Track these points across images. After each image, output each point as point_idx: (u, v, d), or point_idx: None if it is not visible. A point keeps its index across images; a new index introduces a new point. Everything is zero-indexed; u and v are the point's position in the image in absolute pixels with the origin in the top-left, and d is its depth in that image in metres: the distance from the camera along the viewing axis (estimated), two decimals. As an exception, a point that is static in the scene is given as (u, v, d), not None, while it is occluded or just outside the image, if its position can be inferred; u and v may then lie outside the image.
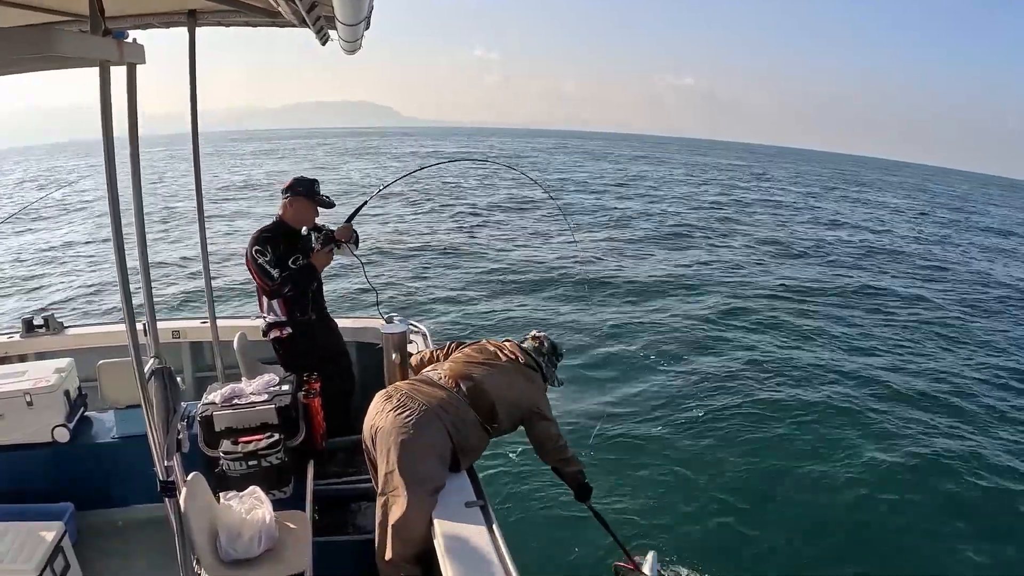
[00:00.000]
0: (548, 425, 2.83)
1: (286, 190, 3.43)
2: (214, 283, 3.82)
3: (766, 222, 20.88)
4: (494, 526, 2.23)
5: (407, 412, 2.49)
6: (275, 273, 3.28)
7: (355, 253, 3.66)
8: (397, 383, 2.76)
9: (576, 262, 12.37)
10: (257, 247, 3.28)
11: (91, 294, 10.76)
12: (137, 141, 2.03)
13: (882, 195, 37.25)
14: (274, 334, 3.46)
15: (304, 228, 3.50)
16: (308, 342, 3.48)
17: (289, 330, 3.43)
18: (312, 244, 3.51)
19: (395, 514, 2.41)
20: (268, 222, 3.49)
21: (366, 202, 3.91)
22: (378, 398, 2.64)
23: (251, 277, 3.42)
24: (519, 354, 2.91)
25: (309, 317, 3.49)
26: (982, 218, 29.58)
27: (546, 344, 3.00)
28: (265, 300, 3.45)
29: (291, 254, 3.38)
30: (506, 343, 3.01)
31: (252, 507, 2.35)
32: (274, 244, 3.31)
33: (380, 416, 2.54)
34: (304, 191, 3.40)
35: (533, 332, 3.10)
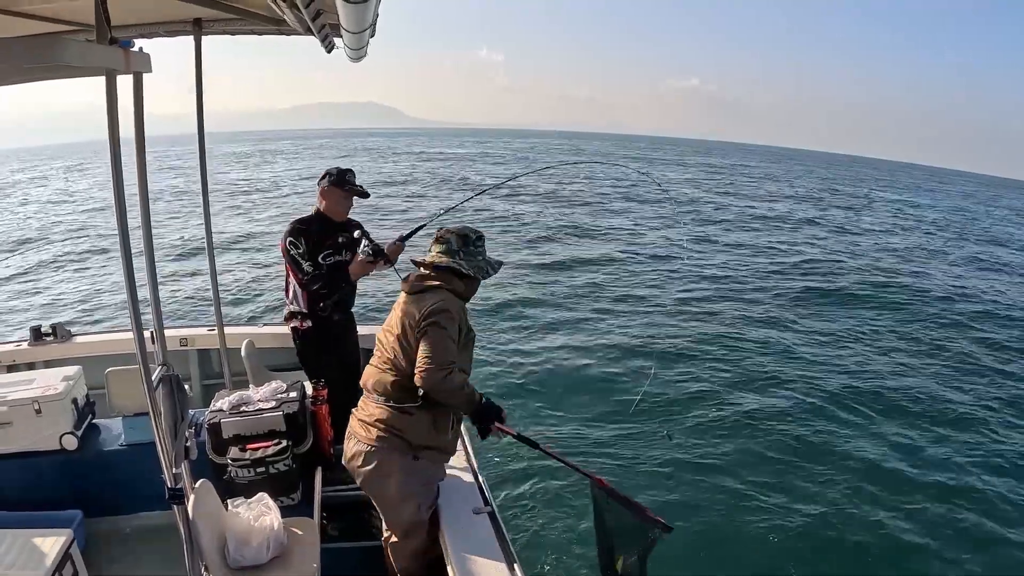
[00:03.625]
0: (443, 335, 2.26)
1: (320, 181, 3.41)
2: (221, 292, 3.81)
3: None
4: (503, 532, 2.23)
5: (360, 461, 2.42)
6: (307, 267, 3.29)
7: (396, 269, 3.44)
8: (351, 422, 2.55)
9: (685, 280, 11.92)
10: (291, 238, 3.30)
11: (99, 302, 10.80)
12: (144, 149, 2.04)
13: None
14: (293, 323, 3.45)
15: (357, 232, 3.41)
16: (326, 340, 3.46)
17: (309, 323, 3.42)
18: (360, 250, 3.40)
19: (394, 540, 2.52)
20: (307, 213, 3.44)
21: (427, 223, 3.51)
22: (346, 437, 2.53)
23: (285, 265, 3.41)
24: (422, 282, 2.40)
25: (330, 315, 3.45)
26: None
27: (453, 239, 2.44)
28: (292, 287, 3.43)
29: (321, 247, 3.35)
30: (405, 283, 2.46)
31: (260, 514, 2.36)
32: (307, 236, 3.31)
33: (349, 463, 2.49)
34: (335, 180, 3.35)
35: (435, 234, 2.51)
